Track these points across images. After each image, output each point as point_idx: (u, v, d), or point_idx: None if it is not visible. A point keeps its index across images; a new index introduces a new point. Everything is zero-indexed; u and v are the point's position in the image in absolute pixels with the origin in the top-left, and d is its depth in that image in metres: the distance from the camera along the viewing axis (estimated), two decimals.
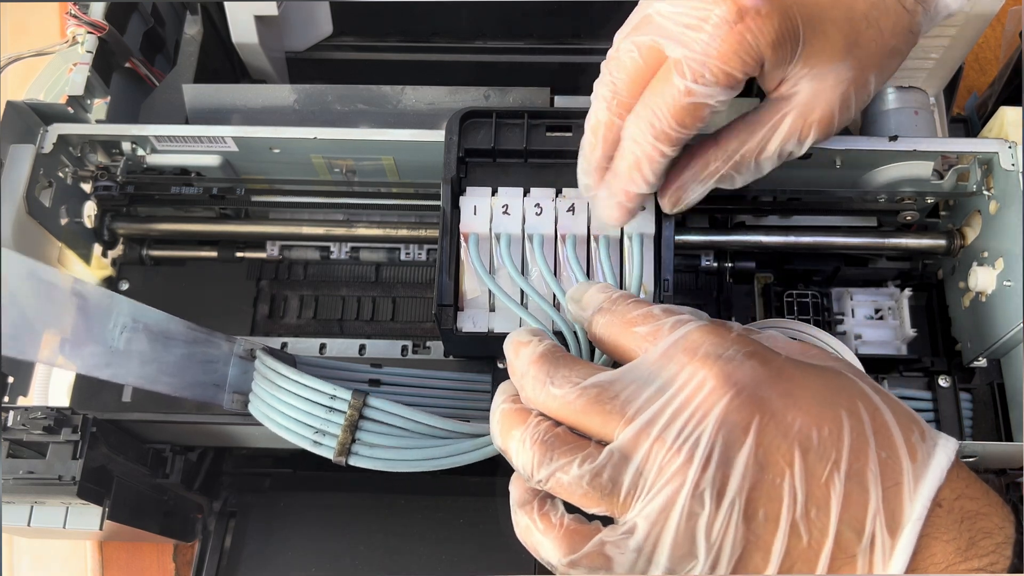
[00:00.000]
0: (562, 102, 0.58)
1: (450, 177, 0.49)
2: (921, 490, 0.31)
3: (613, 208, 0.43)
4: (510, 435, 0.34)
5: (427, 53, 0.68)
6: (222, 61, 0.68)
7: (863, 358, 0.52)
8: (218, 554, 0.65)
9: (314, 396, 0.44)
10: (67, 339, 0.38)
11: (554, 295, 0.46)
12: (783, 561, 0.30)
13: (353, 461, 0.43)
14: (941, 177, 0.54)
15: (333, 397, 0.43)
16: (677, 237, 0.57)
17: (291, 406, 0.44)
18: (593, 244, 0.47)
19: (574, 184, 0.47)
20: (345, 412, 0.43)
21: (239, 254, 0.63)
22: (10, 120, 0.55)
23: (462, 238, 0.48)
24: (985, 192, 0.53)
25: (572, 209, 0.47)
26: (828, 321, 0.60)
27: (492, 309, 0.48)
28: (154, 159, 0.59)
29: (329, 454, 0.43)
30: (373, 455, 0.43)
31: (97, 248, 0.62)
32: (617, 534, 0.31)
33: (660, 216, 0.47)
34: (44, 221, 0.56)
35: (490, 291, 0.47)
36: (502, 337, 0.47)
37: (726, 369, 0.31)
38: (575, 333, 0.45)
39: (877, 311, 0.61)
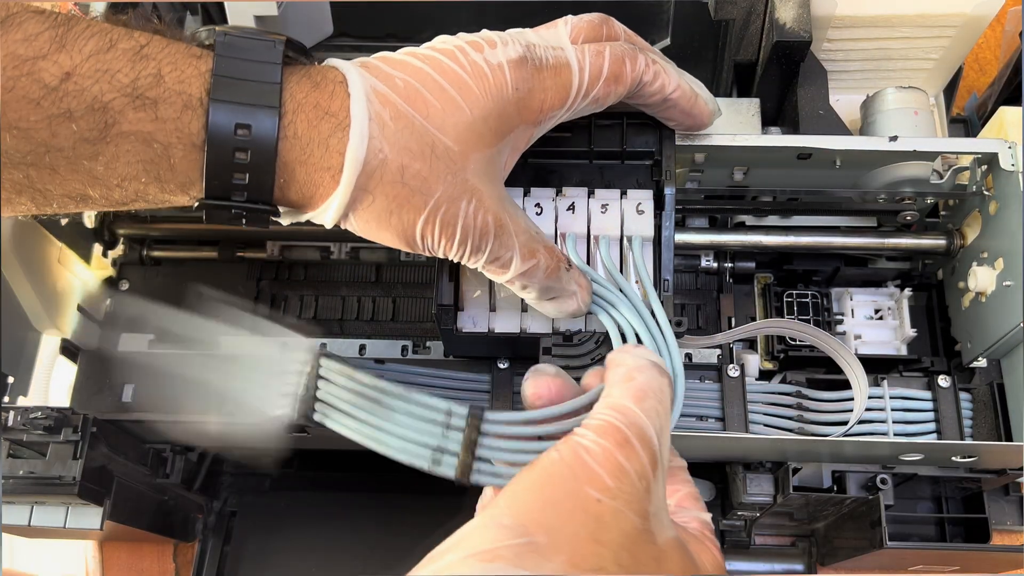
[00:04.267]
0: None
1: None
2: None
3: None
4: None
5: None
6: None
7: (863, 358, 0.52)
8: (218, 554, 0.66)
9: (429, 414, 0.39)
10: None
11: None
12: None
13: (475, 480, 0.38)
14: (941, 177, 0.54)
15: (450, 414, 0.39)
16: (677, 237, 0.57)
17: (401, 426, 0.39)
18: (593, 244, 0.47)
19: (574, 184, 0.47)
20: (463, 430, 0.38)
21: (239, 254, 0.63)
22: None
23: None
24: (985, 192, 0.53)
25: (572, 208, 0.47)
26: (828, 321, 0.60)
27: (492, 309, 0.48)
28: None
29: (451, 474, 0.38)
30: (495, 472, 0.39)
31: (97, 248, 0.62)
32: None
33: (659, 216, 0.47)
34: (44, 221, 0.56)
35: (490, 291, 0.47)
36: (502, 337, 0.47)
37: None
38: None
39: (877, 311, 0.61)
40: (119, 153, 0.33)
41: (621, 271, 0.46)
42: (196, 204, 0.35)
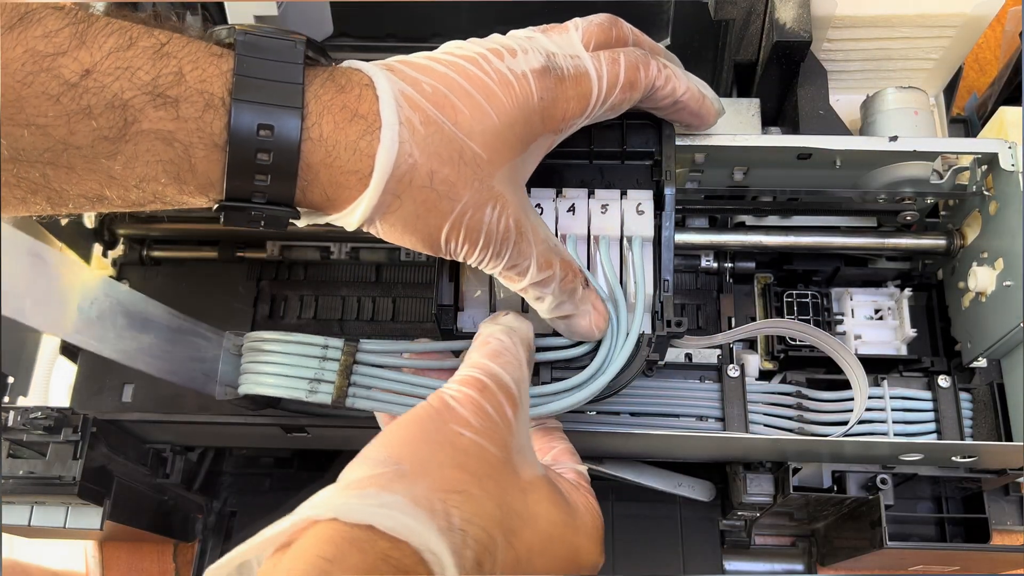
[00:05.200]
0: None
1: None
2: None
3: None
4: None
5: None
6: None
7: (863, 358, 0.52)
8: (218, 554, 0.65)
9: (307, 350, 0.44)
10: (29, 296, 0.38)
11: None
12: None
13: (351, 403, 0.44)
14: (941, 177, 0.54)
15: (326, 347, 0.44)
16: (677, 237, 0.57)
17: (284, 365, 0.44)
18: (593, 245, 0.47)
19: (574, 185, 0.47)
20: (339, 359, 0.44)
21: (239, 254, 0.63)
22: None
23: None
24: (985, 192, 0.53)
25: (572, 209, 0.47)
26: (828, 321, 0.60)
27: (493, 309, 0.48)
28: None
29: (327, 399, 0.43)
30: (370, 396, 0.44)
31: (97, 248, 0.62)
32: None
33: (659, 216, 0.47)
34: (44, 221, 0.56)
35: (490, 291, 0.47)
36: None
37: None
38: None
39: (877, 311, 0.61)
40: (138, 152, 0.32)
41: (621, 272, 0.46)
42: (215, 206, 0.35)
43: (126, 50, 0.31)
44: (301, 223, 0.38)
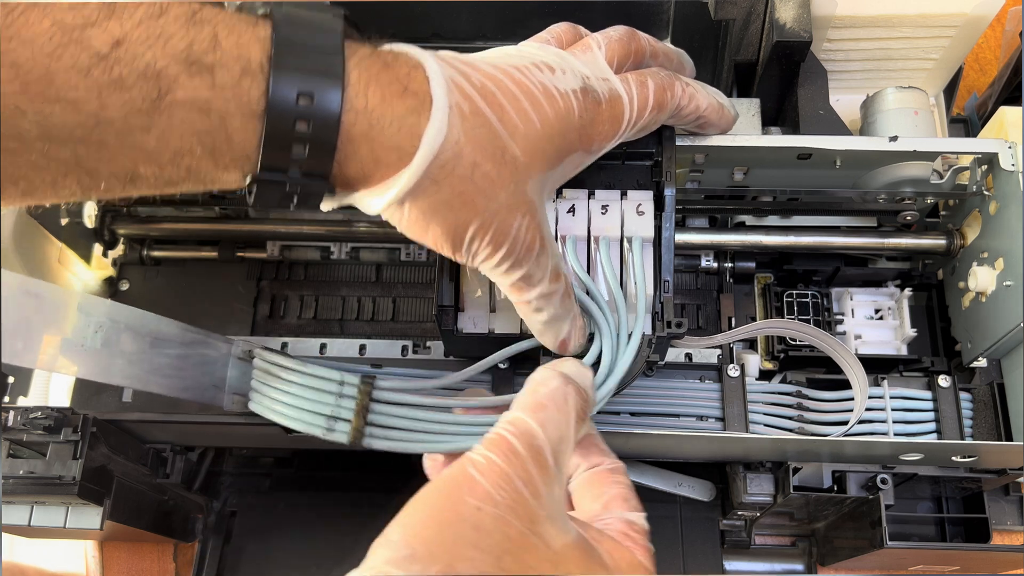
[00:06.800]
0: None
1: None
2: None
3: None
4: None
5: None
6: None
7: (863, 358, 0.52)
8: (218, 554, 0.66)
9: (323, 385, 0.43)
10: (20, 337, 0.37)
11: None
12: None
13: (368, 444, 0.43)
14: (941, 177, 0.54)
15: (342, 383, 0.43)
16: (677, 237, 0.57)
17: (299, 397, 0.43)
18: (593, 245, 0.47)
19: (574, 185, 0.47)
20: (355, 397, 0.43)
21: (239, 254, 0.63)
22: None
23: None
24: (985, 192, 0.53)
25: (572, 210, 0.47)
26: (828, 321, 0.60)
27: (493, 310, 0.48)
28: None
29: (344, 439, 0.42)
30: (388, 436, 0.43)
31: (97, 248, 0.62)
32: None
33: (659, 217, 0.47)
34: (44, 221, 0.56)
35: (490, 292, 0.47)
36: (503, 338, 0.47)
37: None
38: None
39: (877, 311, 0.61)
40: (173, 124, 0.31)
41: (622, 273, 0.46)
42: (248, 179, 0.33)
43: (158, 18, 0.30)
44: (326, 207, 0.37)
